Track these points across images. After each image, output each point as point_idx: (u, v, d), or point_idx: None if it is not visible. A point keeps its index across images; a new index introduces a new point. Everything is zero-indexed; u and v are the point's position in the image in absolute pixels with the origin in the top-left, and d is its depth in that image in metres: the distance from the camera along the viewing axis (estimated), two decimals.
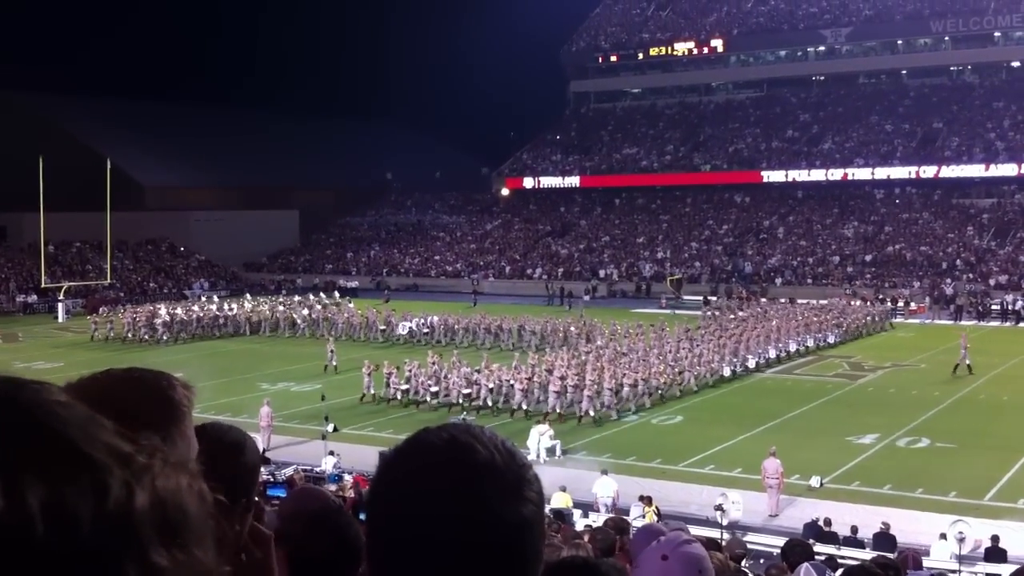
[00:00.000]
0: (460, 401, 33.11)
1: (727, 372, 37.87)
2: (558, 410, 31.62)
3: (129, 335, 50.88)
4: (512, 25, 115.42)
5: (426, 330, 49.82)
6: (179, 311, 54.23)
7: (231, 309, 56.04)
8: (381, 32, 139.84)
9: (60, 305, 59.90)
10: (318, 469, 24.83)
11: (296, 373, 41.01)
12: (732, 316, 51.50)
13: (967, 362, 38.81)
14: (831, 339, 46.78)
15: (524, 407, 32.51)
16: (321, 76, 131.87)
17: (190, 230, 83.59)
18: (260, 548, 2.27)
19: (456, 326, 49.66)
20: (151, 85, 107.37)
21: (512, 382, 32.93)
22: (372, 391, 34.51)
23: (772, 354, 41.62)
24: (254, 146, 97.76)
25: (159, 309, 53.99)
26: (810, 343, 45.02)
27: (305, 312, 54.87)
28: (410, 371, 34.73)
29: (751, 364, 39.74)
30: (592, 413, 31.18)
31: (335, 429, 28.88)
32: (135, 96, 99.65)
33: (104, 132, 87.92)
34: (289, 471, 24.17)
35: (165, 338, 50.47)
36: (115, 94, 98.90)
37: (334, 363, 41.01)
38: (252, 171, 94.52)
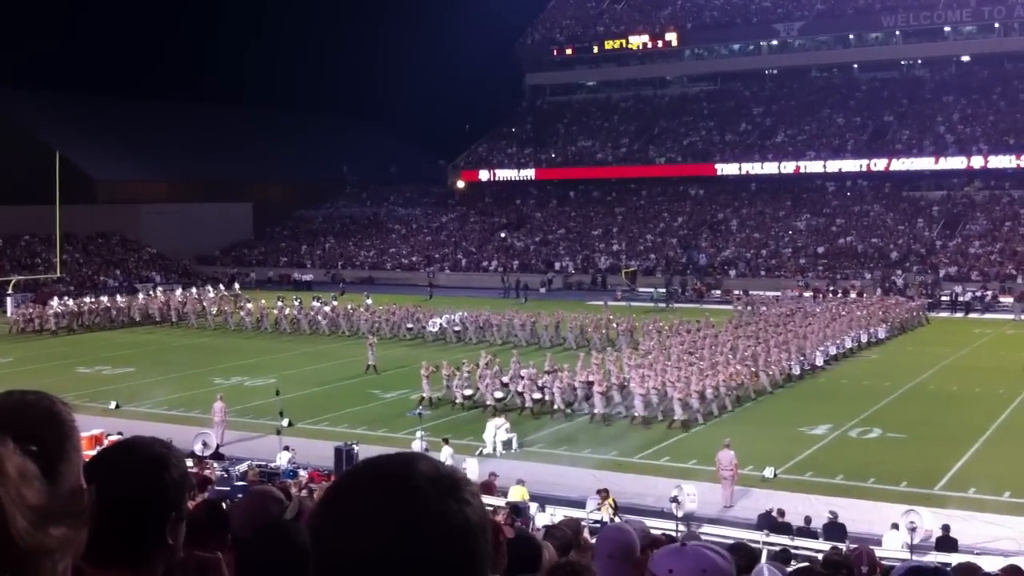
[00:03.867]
0: (530, 406, 31.26)
1: (796, 370, 36.58)
2: (643, 414, 30.06)
3: (21, 327, 52.09)
4: (468, 18, 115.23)
5: (457, 327, 47.65)
6: (69, 302, 55.03)
7: (123, 301, 57.12)
8: (336, 26, 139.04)
9: (8, 299, 59.02)
10: (273, 464, 24.65)
11: (249, 368, 40.70)
12: (765, 310, 50.81)
13: None
14: (881, 334, 45.75)
15: (602, 411, 30.67)
16: (276, 70, 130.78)
17: (141, 223, 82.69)
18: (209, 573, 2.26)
19: (488, 323, 47.53)
20: (102, 79, 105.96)
21: (592, 384, 31.14)
22: (430, 394, 32.57)
23: (832, 351, 40.28)
24: (207, 139, 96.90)
25: (51, 301, 55.21)
26: (864, 339, 44.07)
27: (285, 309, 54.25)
28: (468, 372, 32.83)
29: (819, 362, 38.50)
30: (680, 417, 29.57)
31: (290, 424, 28.72)
32: (86, 90, 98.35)
33: (54, 125, 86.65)
34: (244, 467, 24.00)
35: (54, 328, 51.94)
36: (66, 88, 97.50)
37: (372, 362, 38.92)
38: (205, 164, 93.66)
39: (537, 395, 31.56)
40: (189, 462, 22.27)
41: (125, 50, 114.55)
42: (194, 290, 61.98)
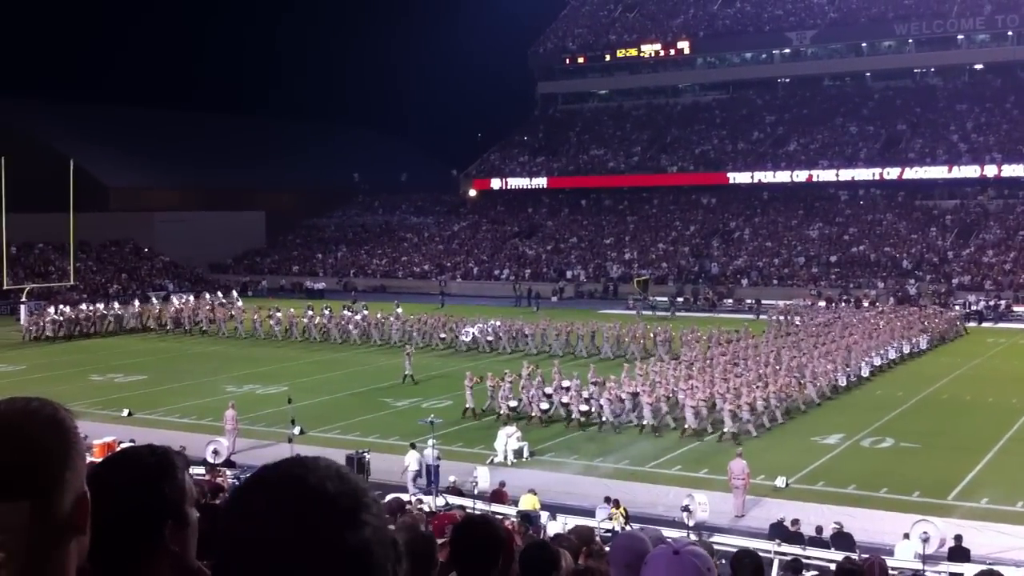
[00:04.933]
0: (577, 417, 30.93)
1: (843, 382, 36.12)
2: (694, 427, 29.43)
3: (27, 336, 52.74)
4: (480, 26, 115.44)
5: (490, 337, 47.01)
6: (67, 309, 55.39)
7: (121, 309, 57.69)
8: (349, 34, 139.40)
9: (22, 307, 59.25)
10: None
11: (262, 376, 40.76)
12: (800, 320, 50.46)
13: None
14: (923, 344, 45.29)
15: (653, 423, 30.12)
16: (288, 78, 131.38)
17: (155, 231, 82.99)
18: None
19: (521, 332, 46.80)
20: (116, 88, 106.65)
21: (637, 395, 30.72)
22: (473, 405, 32.20)
23: (877, 361, 39.81)
24: (220, 148, 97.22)
25: (48, 307, 55.86)
26: (906, 349, 43.47)
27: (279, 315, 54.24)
28: (509, 382, 32.05)
29: (864, 372, 38.06)
30: (734, 430, 29.03)
31: (301, 432, 28.72)
32: (100, 99, 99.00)
33: (68, 134, 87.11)
34: None
35: (53, 334, 52.52)
36: (80, 97, 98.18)
37: (409, 371, 38.33)
38: (218, 173, 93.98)
39: (584, 407, 31.14)
40: (200, 470, 22.31)
41: (139, 60, 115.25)
42: (191, 297, 62.40)
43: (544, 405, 31.63)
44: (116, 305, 58.86)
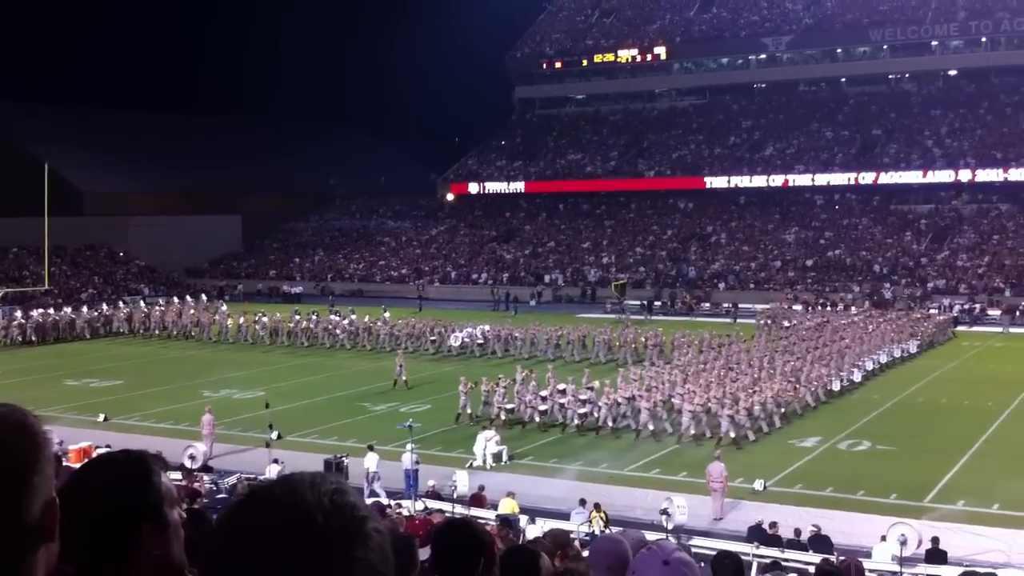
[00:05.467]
0: (576, 421, 30.82)
1: (836, 386, 36.11)
2: (692, 431, 29.42)
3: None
4: (458, 31, 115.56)
5: (479, 341, 46.86)
6: (33, 313, 55.27)
7: (90, 312, 57.65)
8: (327, 37, 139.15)
9: None
10: (262, 477, 24.55)
11: (239, 380, 40.56)
12: (788, 324, 50.41)
13: None
14: (912, 349, 45.43)
15: (651, 427, 29.87)
16: (265, 81, 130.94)
17: (130, 236, 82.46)
18: None
19: (511, 337, 46.67)
20: (92, 91, 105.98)
21: (633, 399, 30.63)
22: (469, 410, 31.88)
23: (869, 366, 39.94)
24: (197, 151, 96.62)
25: (15, 312, 55.71)
26: (896, 353, 43.67)
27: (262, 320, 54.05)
28: (503, 386, 31.95)
29: (856, 377, 38.13)
30: (732, 434, 28.81)
31: (279, 436, 28.60)
32: (75, 101, 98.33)
33: (43, 136, 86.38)
34: (232, 479, 23.93)
35: (23, 339, 52.62)
36: (55, 99, 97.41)
37: (403, 377, 38.05)
38: (194, 176, 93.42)
39: (582, 411, 31.09)
40: (177, 475, 22.20)
41: (115, 62, 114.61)
42: (160, 300, 62.07)
43: (543, 407, 31.52)
44: (85, 310, 58.51)
